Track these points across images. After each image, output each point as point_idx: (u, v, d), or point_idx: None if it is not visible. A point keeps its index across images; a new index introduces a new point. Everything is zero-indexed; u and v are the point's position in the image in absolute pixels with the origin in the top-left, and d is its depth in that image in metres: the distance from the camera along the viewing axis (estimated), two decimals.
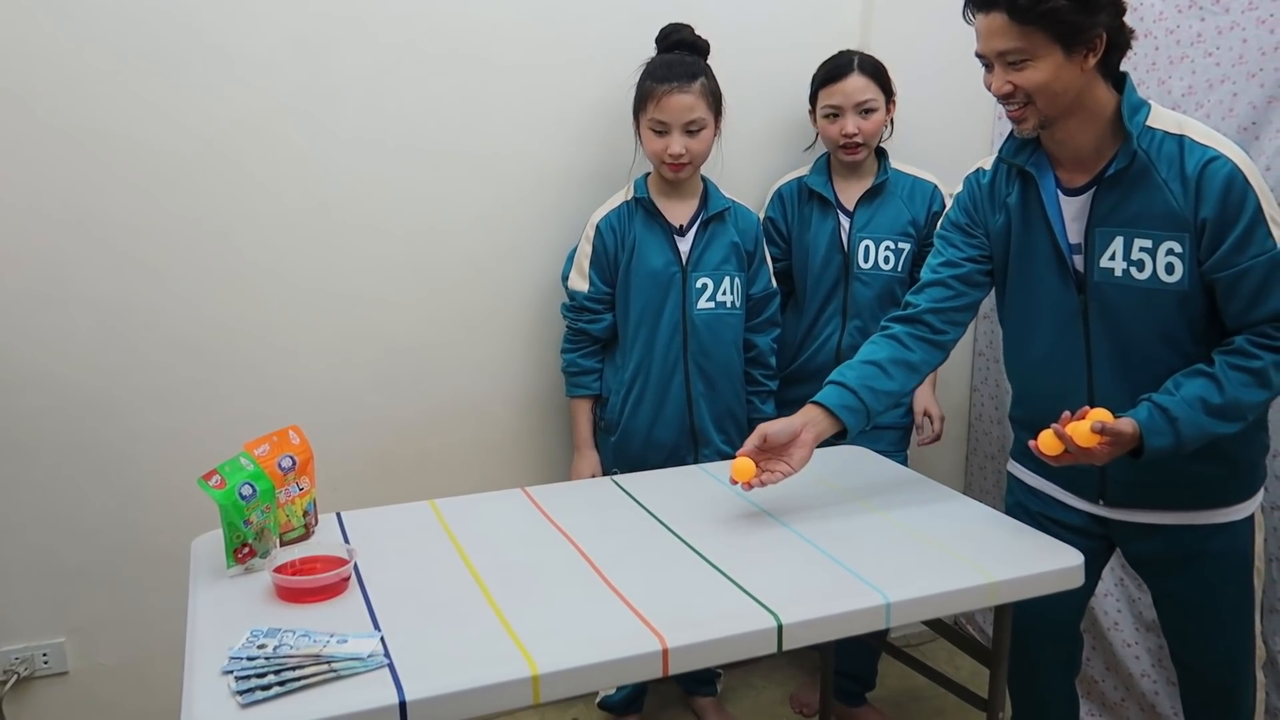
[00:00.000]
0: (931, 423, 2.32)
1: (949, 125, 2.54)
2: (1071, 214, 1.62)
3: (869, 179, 2.27)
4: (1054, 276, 1.65)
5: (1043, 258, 1.65)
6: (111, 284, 1.99)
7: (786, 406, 2.32)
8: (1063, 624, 1.84)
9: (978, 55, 1.57)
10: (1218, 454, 1.59)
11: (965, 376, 2.75)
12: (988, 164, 1.76)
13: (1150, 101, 1.58)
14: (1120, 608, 2.28)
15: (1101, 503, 1.72)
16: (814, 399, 1.69)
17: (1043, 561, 1.53)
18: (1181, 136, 1.52)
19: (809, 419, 1.67)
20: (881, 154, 2.30)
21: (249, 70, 2.00)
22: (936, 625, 1.82)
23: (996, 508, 1.78)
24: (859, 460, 1.99)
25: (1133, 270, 1.56)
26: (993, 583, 1.46)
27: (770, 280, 2.25)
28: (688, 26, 2.13)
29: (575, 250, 2.17)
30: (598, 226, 2.13)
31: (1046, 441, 1.51)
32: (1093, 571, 1.82)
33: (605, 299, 2.15)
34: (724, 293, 2.17)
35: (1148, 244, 1.54)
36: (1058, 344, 1.67)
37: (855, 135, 2.17)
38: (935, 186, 2.29)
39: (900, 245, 2.25)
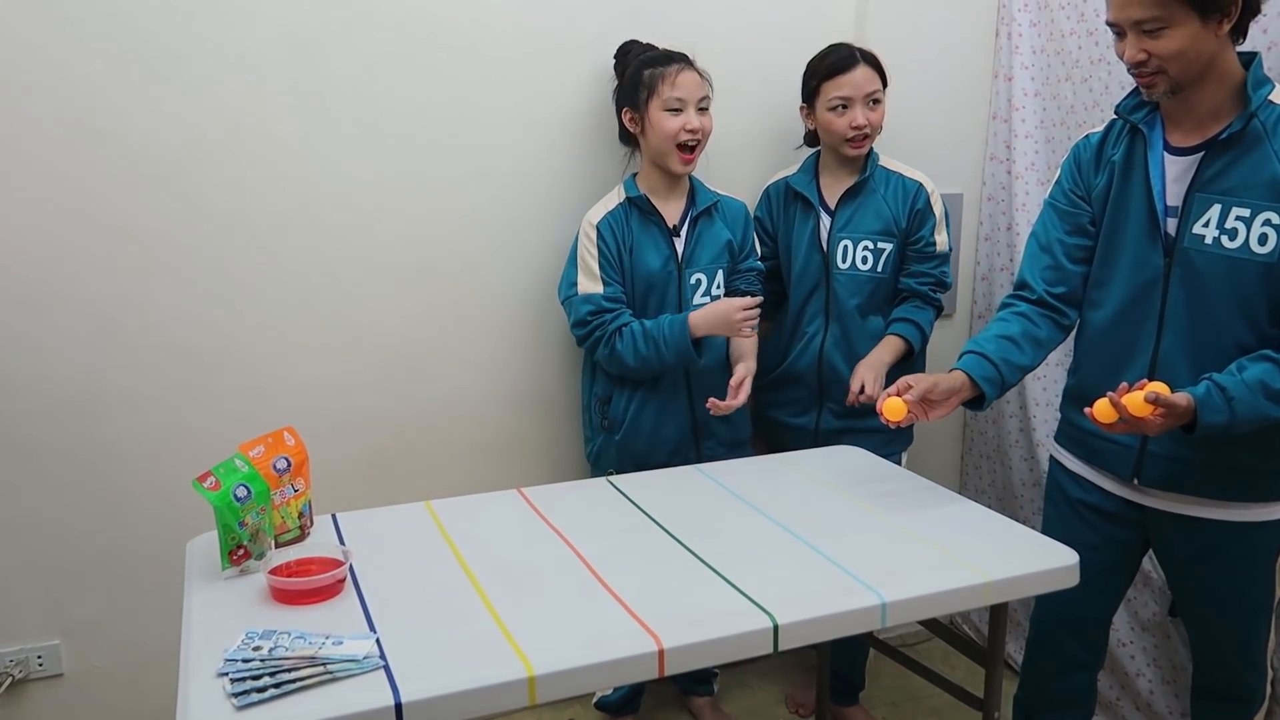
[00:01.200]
0: (860, 394, 2.11)
1: (943, 122, 2.55)
2: (1174, 175, 1.63)
3: (855, 176, 2.24)
4: (1143, 237, 1.66)
5: (1136, 217, 1.67)
6: (104, 285, 1.99)
7: (778, 408, 2.33)
8: (1093, 614, 1.86)
9: (1109, 24, 1.57)
10: (1263, 445, 1.59)
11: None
12: (1099, 128, 1.78)
13: (1275, 80, 1.58)
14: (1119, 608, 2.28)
15: (1136, 482, 1.73)
16: (958, 366, 1.73)
17: (1038, 561, 1.53)
18: None
19: (962, 383, 1.71)
20: (869, 151, 2.27)
21: (240, 70, 1.99)
22: (932, 625, 1.82)
23: (992, 507, 1.79)
24: (854, 460, 1.99)
25: (1224, 238, 1.57)
26: (988, 582, 1.46)
27: (754, 259, 2.23)
28: (640, 43, 2.15)
29: (574, 258, 2.13)
30: (598, 227, 2.10)
31: (1101, 409, 1.53)
32: (1127, 564, 1.84)
33: (624, 297, 2.11)
34: (717, 287, 2.18)
35: (1245, 213, 1.55)
36: (1133, 306, 1.68)
37: (865, 126, 2.15)
38: (920, 185, 2.24)
39: (880, 245, 2.21)
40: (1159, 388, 1.49)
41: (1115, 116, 1.73)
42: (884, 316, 2.27)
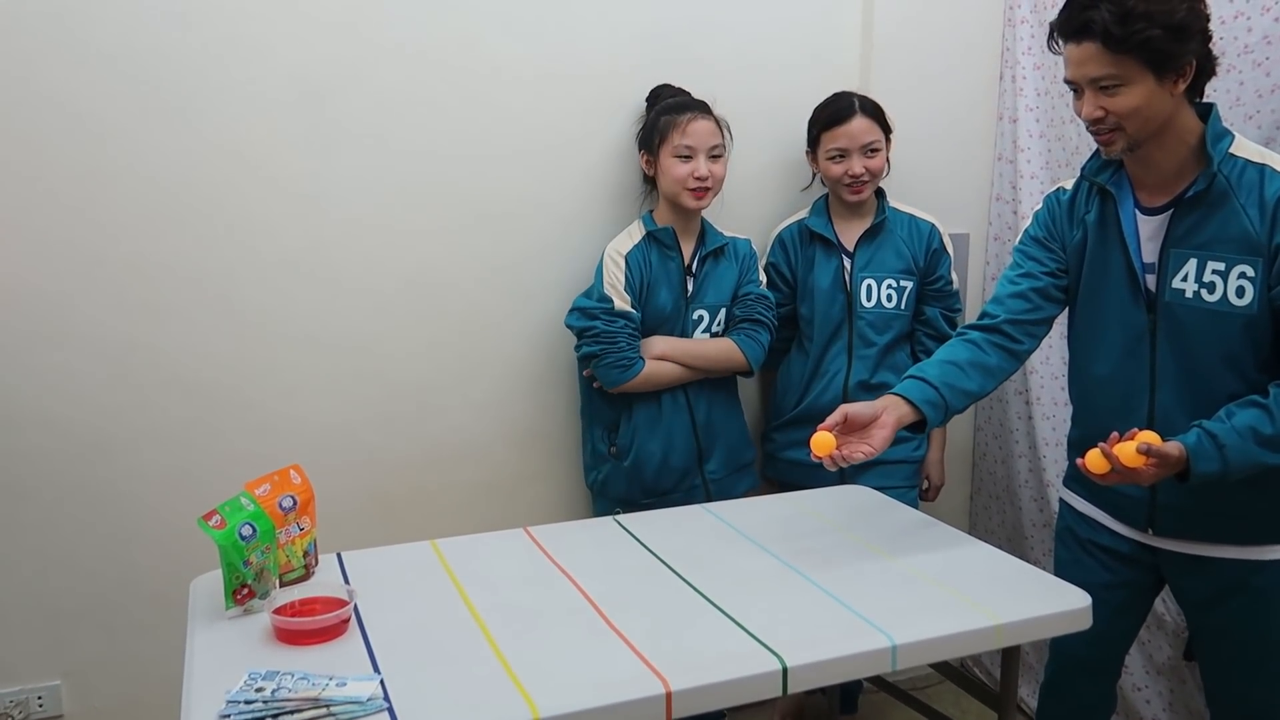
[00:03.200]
0: (929, 490, 2.40)
1: (948, 165, 2.56)
2: (1148, 233, 1.65)
3: (868, 219, 2.29)
4: (1125, 295, 1.67)
5: (1116, 276, 1.68)
6: (112, 323, 2.00)
7: (794, 448, 2.33)
8: (1107, 654, 1.84)
9: (1067, 81, 1.60)
10: (1271, 486, 1.59)
11: (969, 416, 2.74)
12: (1069, 184, 1.80)
13: (1234, 132, 1.61)
14: (1131, 651, 2.25)
15: (1150, 531, 1.72)
16: (894, 390, 1.70)
17: (1050, 603, 1.51)
18: (1264, 166, 1.56)
19: (891, 403, 1.67)
20: (880, 193, 2.32)
21: (253, 109, 2.01)
22: (943, 668, 1.79)
23: (1002, 548, 1.77)
24: (864, 501, 1.98)
25: (1203, 292, 1.59)
26: (999, 625, 1.44)
27: (756, 285, 2.25)
28: (673, 87, 2.21)
29: (601, 279, 2.14)
30: (626, 257, 2.14)
31: (1094, 460, 1.52)
32: (1140, 604, 1.82)
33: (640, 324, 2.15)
34: (718, 324, 2.22)
35: (1220, 267, 1.57)
36: (1124, 362, 1.69)
37: (862, 175, 2.19)
38: (933, 225, 2.31)
39: (902, 283, 2.27)
40: (1150, 438, 1.49)
41: (1081, 178, 1.74)
42: (905, 351, 2.33)
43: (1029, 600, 1.52)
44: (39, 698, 2.07)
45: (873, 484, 2.11)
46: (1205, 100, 1.62)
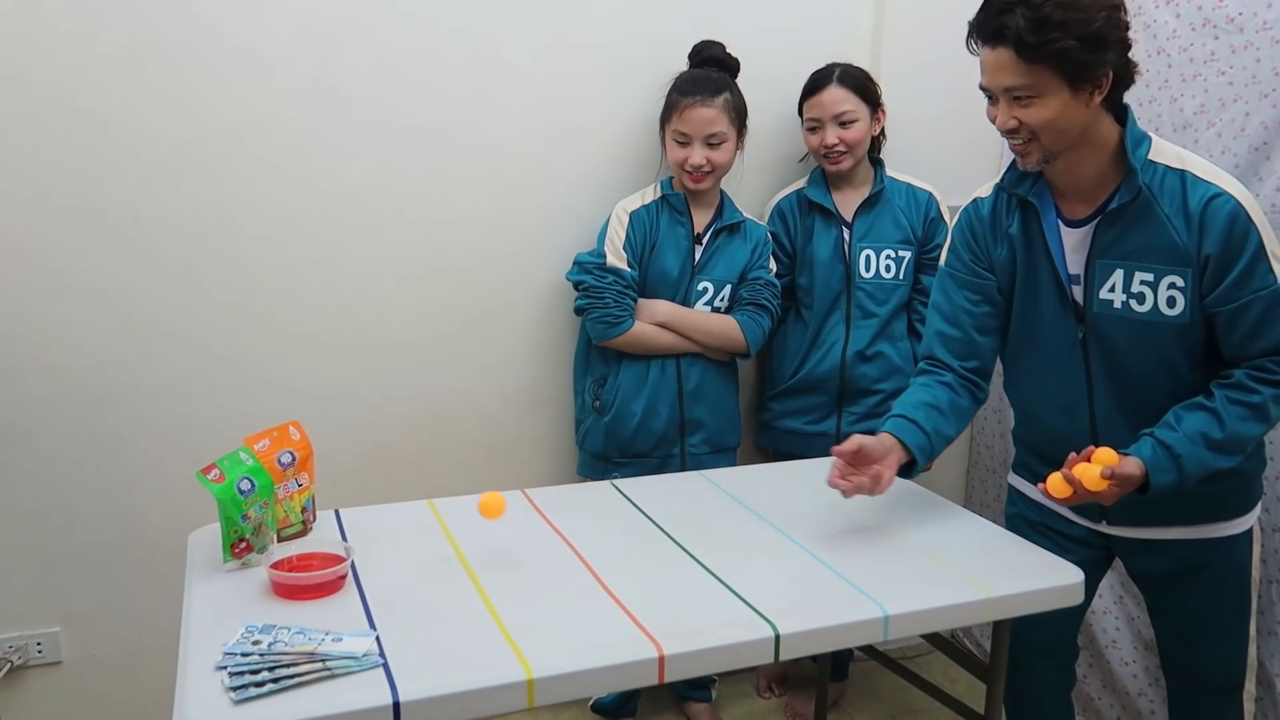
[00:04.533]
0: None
1: (957, 136, 2.53)
2: (1072, 245, 1.62)
3: (866, 188, 2.28)
4: (1054, 306, 1.65)
5: (1044, 288, 1.66)
6: (114, 274, 1.99)
7: (792, 416, 2.34)
8: (1060, 636, 1.84)
9: (982, 88, 1.56)
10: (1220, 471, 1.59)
11: None
12: (985, 192, 1.75)
13: (1150, 134, 1.58)
14: (1119, 625, 2.27)
15: (1105, 522, 1.73)
16: (891, 431, 1.67)
17: (1042, 578, 1.52)
18: (1183, 171, 1.52)
19: (894, 446, 1.65)
20: (878, 163, 2.30)
21: (255, 63, 1.99)
22: (934, 639, 1.81)
23: (997, 522, 1.78)
24: None
25: (1132, 303, 1.57)
26: (991, 598, 1.45)
27: (766, 271, 2.24)
28: (719, 44, 2.17)
29: (604, 234, 2.16)
30: (631, 214, 2.15)
31: (1055, 485, 1.52)
32: (1092, 582, 1.83)
33: (637, 283, 2.16)
34: (721, 299, 2.21)
35: (1149, 278, 1.55)
36: (1058, 372, 1.68)
37: (835, 145, 2.19)
38: (931, 194, 2.31)
39: (901, 253, 2.27)
40: (1109, 457, 1.48)
41: (999, 189, 1.70)
42: (903, 321, 2.33)
43: (1021, 575, 1.53)
44: (38, 644, 2.09)
45: None
46: (1129, 93, 1.57)
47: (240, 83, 1.99)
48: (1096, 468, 1.47)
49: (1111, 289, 1.58)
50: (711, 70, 2.14)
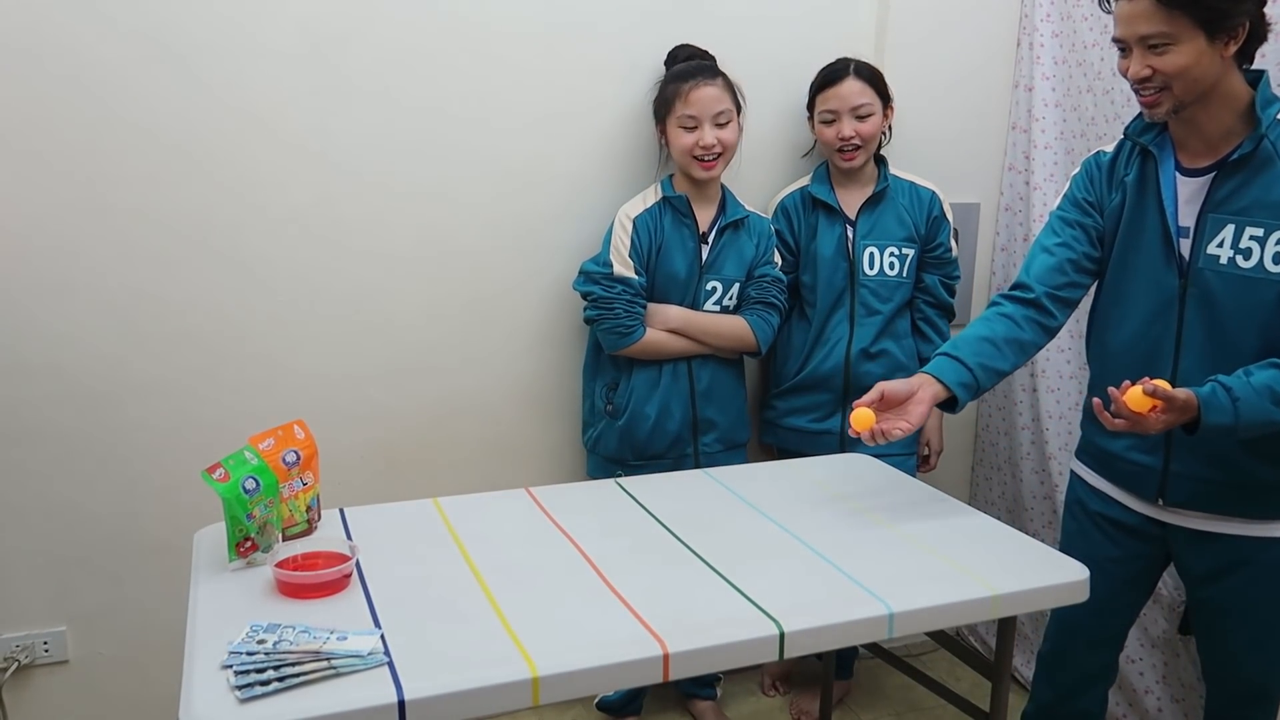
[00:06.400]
0: (929, 456, 2.41)
1: (960, 132, 2.53)
2: (1186, 196, 1.63)
3: (870, 186, 2.27)
4: (1158, 258, 1.65)
5: (1150, 238, 1.66)
6: (120, 274, 1.99)
7: (796, 414, 2.33)
8: (1109, 628, 1.85)
9: (1115, 40, 1.58)
10: None
11: None
12: (1109, 147, 1.77)
13: None
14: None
15: (1161, 503, 1.72)
16: (929, 370, 1.68)
17: (1047, 575, 1.51)
18: None
19: (925, 381, 1.66)
20: (881, 161, 2.30)
21: (260, 60, 1.99)
22: (938, 636, 1.81)
23: (1001, 519, 1.78)
24: (864, 469, 1.98)
25: (1239, 258, 1.57)
26: (995, 595, 1.45)
27: (768, 267, 2.24)
28: (693, 47, 2.18)
29: (609, 243, 2.15)
30: (634, 220, 2.14)
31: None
32: (1146, 578, 1.83)
33: (645, 290, 2.15)
34: (730, 298, 2.21)
35: (1259, 233, 1.55)
36: (1150, 327, 1.67)
37: (852, 138, 2.18)
38: (934, 193, 2.30)
39: (904, 251, 2.27)
40: (1159, 382, 1.48)
41: (1125, 138, 1.72)
42: (906, 319, 2.33)
43: (1026, 572, 1.52)
44: (45, 643, 2.10)
45: (872, 451, 2.11)
46: (1258, 67, 1.59)
47: (243, 81, 1.99)
48: (1141, 387, 1.46)
49: (1220, 244, 1.58)
50: (699, 60, 2.15)
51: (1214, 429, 1.49)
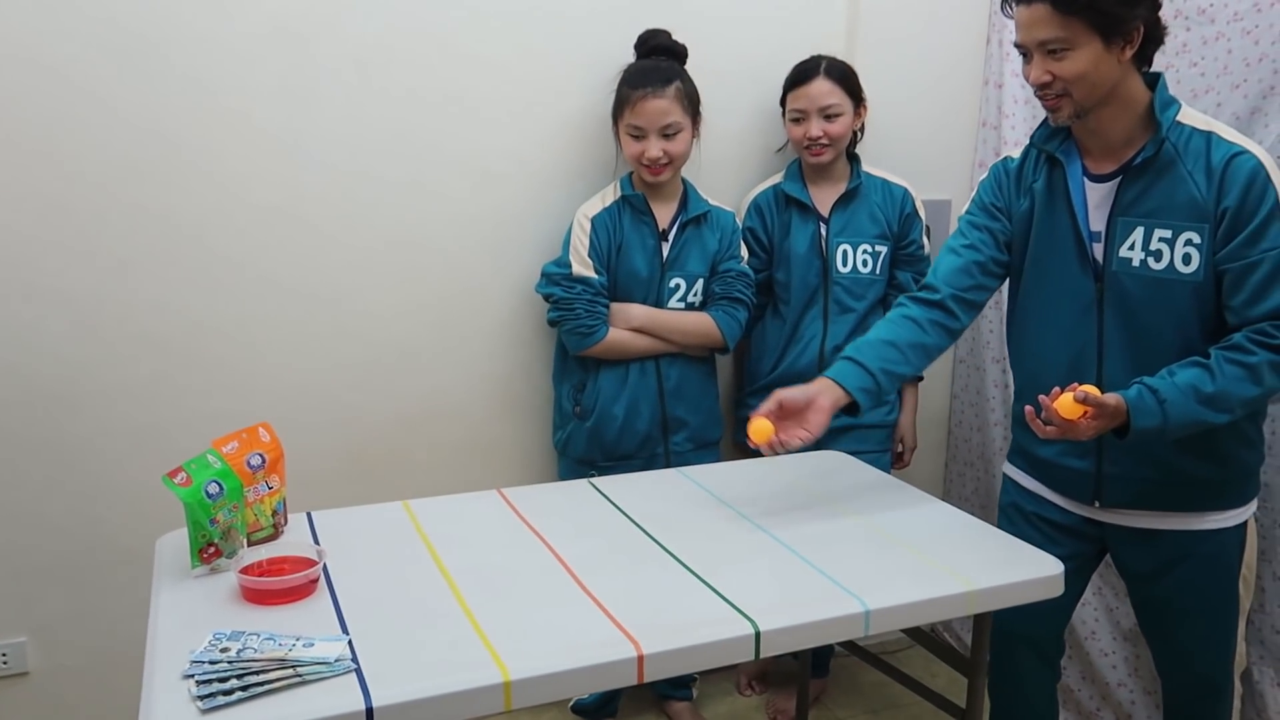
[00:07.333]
0: (903, 453, 2.40)
1: (931, 129, 2.54)
2: (1095, 201, 1.64)
3: (842, 184, 2.27)
4: (1073, 264, 1.66)
5: (1063, 244, 1.67)
6: (80, 276, 1.95)
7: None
8: (1047, 629, 1.84)
9: (1017, 45, 1.60)
10: (1214, 453, 1.61)
11: (945, 383, 2.74)
12: (1016, 153, 1.78)
13: (1180, 101, 1.60)
14: (1098, 616, 2.28)
15: (1097, 505, 1.73)
16: (830, 375, 1.67)
17: (1023, 570, 1.52)
18: (1209, 133, 1.56)
19: (825, 387, 1.65)
20: (854, 158, 2.30)
21: (227, 61, 1.96)
22: (914, 633, 1.80)
23: (975, 514, 1.77)
24: (838, 466, 1.97)
25: (1150, 260, 1.59)
26: (972, 591, 1.45)
27: (734, 262, 2.22)
28: (665, 32, 2.14)
29: (567, 244, 2.13)
30: (592, 220, 2.12)
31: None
32: (1082, 576, 1.83)
33: (607, 289, 2.13)
34: (695, 294, 2.19)
35: (1167, 234, 1.57)
36: (1071, 333, 1.68)
37: (820, 138, 2.18)
38: (906, 190, 2.31)
39: (877, 248, 2.27)
40: (1088, 389, 1.49)
41: (1030, 145, 1.73)
42: (880, 316, 2.28)
43: (1001, 567, 1.52)
44: (3, 655, 2.05)
45: (846, 449, 2.11)
46: (1155, 70, 1.62)
47: (209, 83, 1.95)
48: (1072, 394, 1.48)
49: (1131, 246, 1.60)
50: (660, 60, 2.11)
51: (1144, 432, 1.51)
